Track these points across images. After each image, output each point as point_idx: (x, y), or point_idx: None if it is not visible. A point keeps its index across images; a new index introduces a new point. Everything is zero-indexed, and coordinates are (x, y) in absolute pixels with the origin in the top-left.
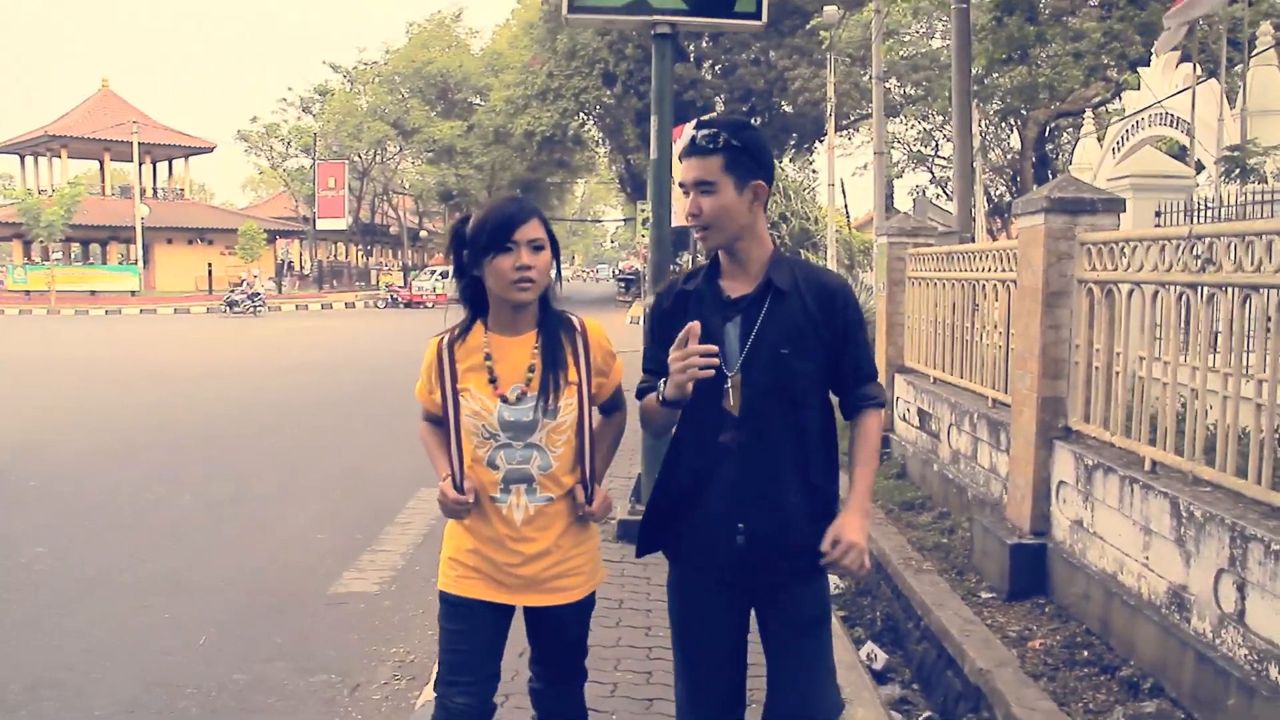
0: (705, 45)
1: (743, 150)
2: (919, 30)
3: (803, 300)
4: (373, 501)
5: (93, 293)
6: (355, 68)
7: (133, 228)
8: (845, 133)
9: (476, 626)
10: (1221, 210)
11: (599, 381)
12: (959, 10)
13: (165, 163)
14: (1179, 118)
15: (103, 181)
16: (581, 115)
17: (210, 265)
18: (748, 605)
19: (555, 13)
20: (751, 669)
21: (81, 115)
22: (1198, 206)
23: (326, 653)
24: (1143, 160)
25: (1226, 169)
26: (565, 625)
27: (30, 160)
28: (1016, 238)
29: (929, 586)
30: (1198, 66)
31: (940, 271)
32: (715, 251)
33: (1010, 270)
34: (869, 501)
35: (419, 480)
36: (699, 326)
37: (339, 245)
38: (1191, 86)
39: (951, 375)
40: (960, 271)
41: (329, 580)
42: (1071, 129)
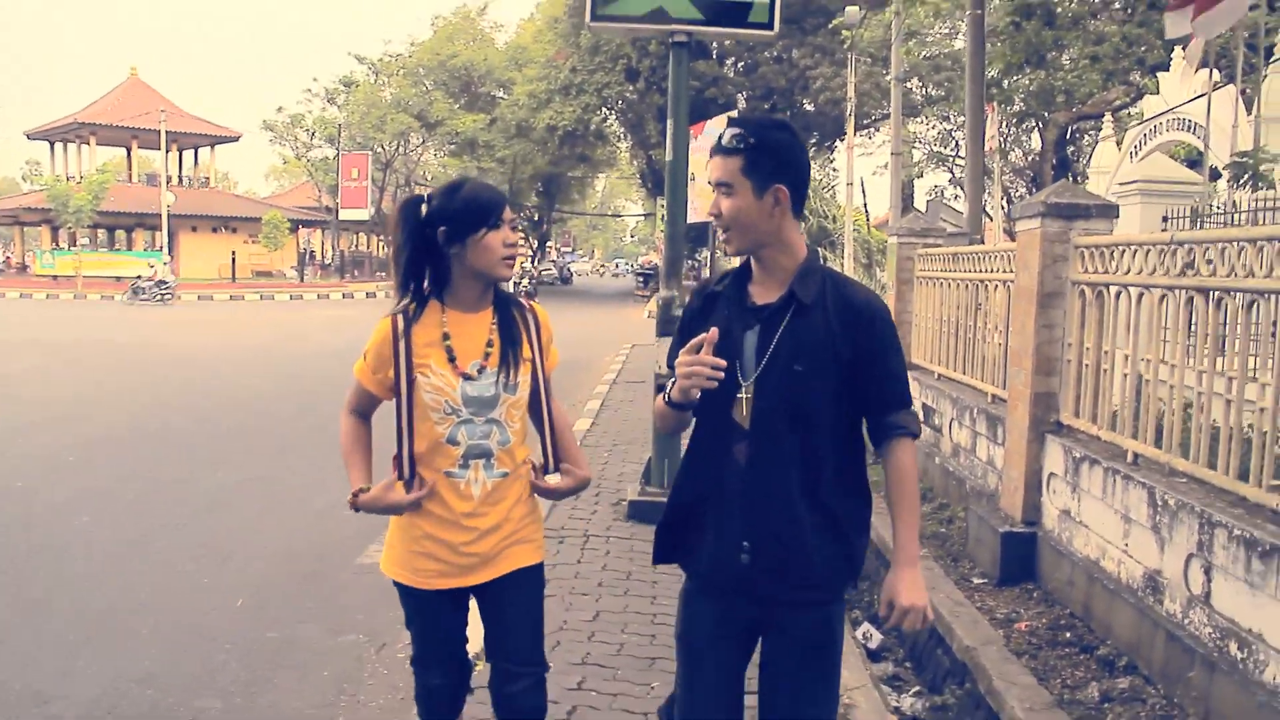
0: (728, 43)
1: (764, 151)
2: (942, 31)
3: (826, 315)
4: None
5: (118, 278)
6: (380, 60)
7: (158, 215)
8: (865, 132)
9: (438, 615)
10: (1234, 216)
11: (546, 360)
12: (973, 18)
13: (191, 151)
14: (1196, 123)
15: (129, 169)
16: (604, 110)
17: (234, 253)
18: (754, 627)
19: (579, 8)
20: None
21: (110, 103)
22: (1211, 212)
23: (354, 617)
24: (1151, 166)
25: (1235, 175)
26: (519, 593)
27: (60, 147)
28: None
29: (923, 571)
30: (1215, 72)
31: (947, 271)
32: (743, 255)
33: (1010, 271)
34: (916, 548)
35: None
36: (717, 334)
37: (360, 235)
38: (1208, 93)
39: (955, 372)
40: (965, 272)
41: (355, 553)
42: (1092, 132)
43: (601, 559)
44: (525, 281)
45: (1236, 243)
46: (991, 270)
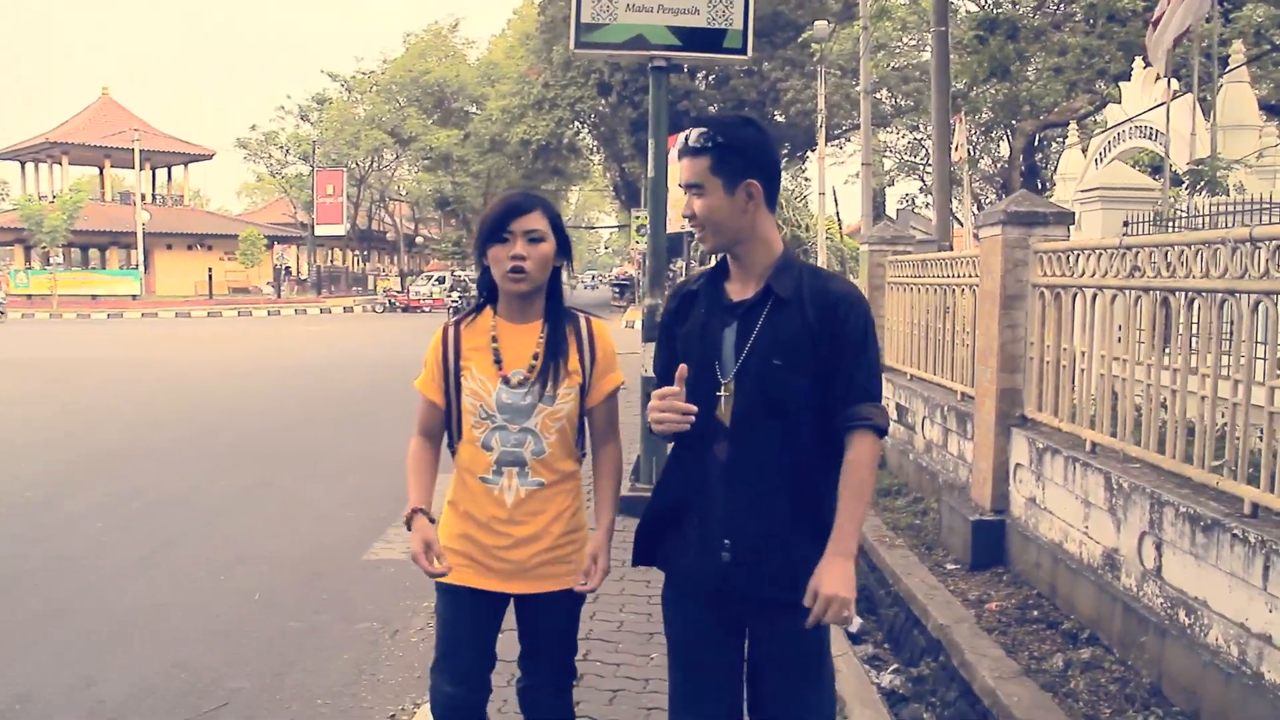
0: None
1: (731, 149)
2: (909, 43)
3: (804, 309)
4: (390, 484)
5: (94, 297)
6: (353, 77)
7: (133, 233)
8: (836, 142)
9: (466, 614)
10: (1197, 221)
11: (598, 378)
12: (938, 34)
13: (164, 169)
14: (1157, 130)
15: (102, 188)
16: (576, 124)
17: (210, 270)
18: (741, 625)
19: (551, 24)
20: None
21: (82, 123)
22: (1175, 216)
23: (366, 606)
24: (1110, 174)
25: (1191, 181)
26: (555, 615)
27: (31, 166)
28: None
29: (900, 559)
30: (1172, 81)
31: (916, 277)
32: (719, 253)
33: (975, 276)
34: (854, 542)
35: None
36: (686, 371)
37: (336, 251)
38: (1166, 101)
39: (926, 372)
40: (934, 277)
41: (360, 550)
42: (1060, 139)
43: None
44: (452, 295)
45: (1176, 246)
46: (958, 275)
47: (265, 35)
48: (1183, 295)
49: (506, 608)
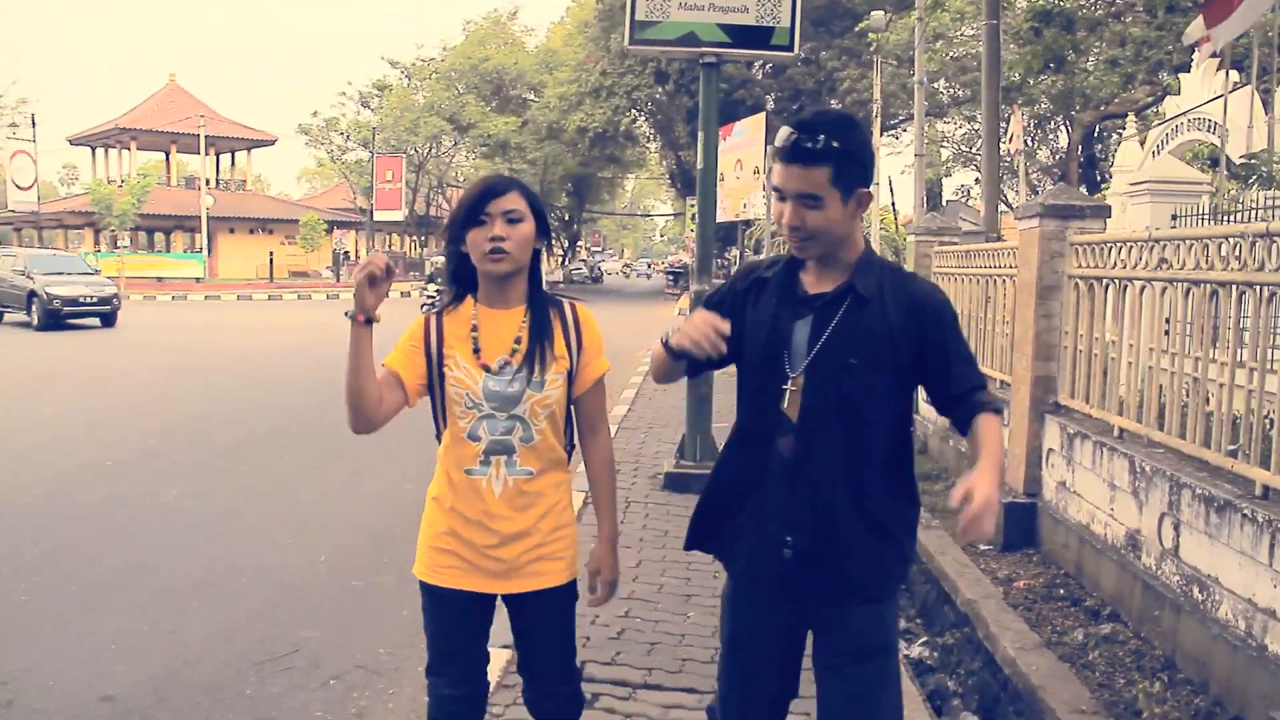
0: None
1: (851, 157)
2: (967, 33)
3: (885, 309)
4: None
5: (160, 279)
6: (413, 64)
7: (197, 217)
8: (892, 132)
9: (457, 617)
10: (1248, 215)
11: (585, 364)
12: (989, 28)
13: (228, 154)
14: (1215, 123)
15: (168, 172)
16: (633, 112)
17: (271, 254)
18: (803, 626)
19: (609, 13)
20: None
21: (150, 109)
22: (1232, 209)
23: None
24: (1160, 167)
25: (1243, 175)
26: (548, 614)
27: (100, 152)
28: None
29: (935, 539)
30: (1235, 73)
31: (960, 268)
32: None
33: (1014, 267)
34: (1000, 470)
35: None
36: (729, 327)
37: (394, 236)
38: (1224, 94)
39: None
40: (976, 268)
41: (416, 520)
42: (1119, 130)
43: (642, 520)
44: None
45: (1201, 240)
46: (999, 266)
47: (325, 22)
48: (1206, 287)
49: (495, 605)
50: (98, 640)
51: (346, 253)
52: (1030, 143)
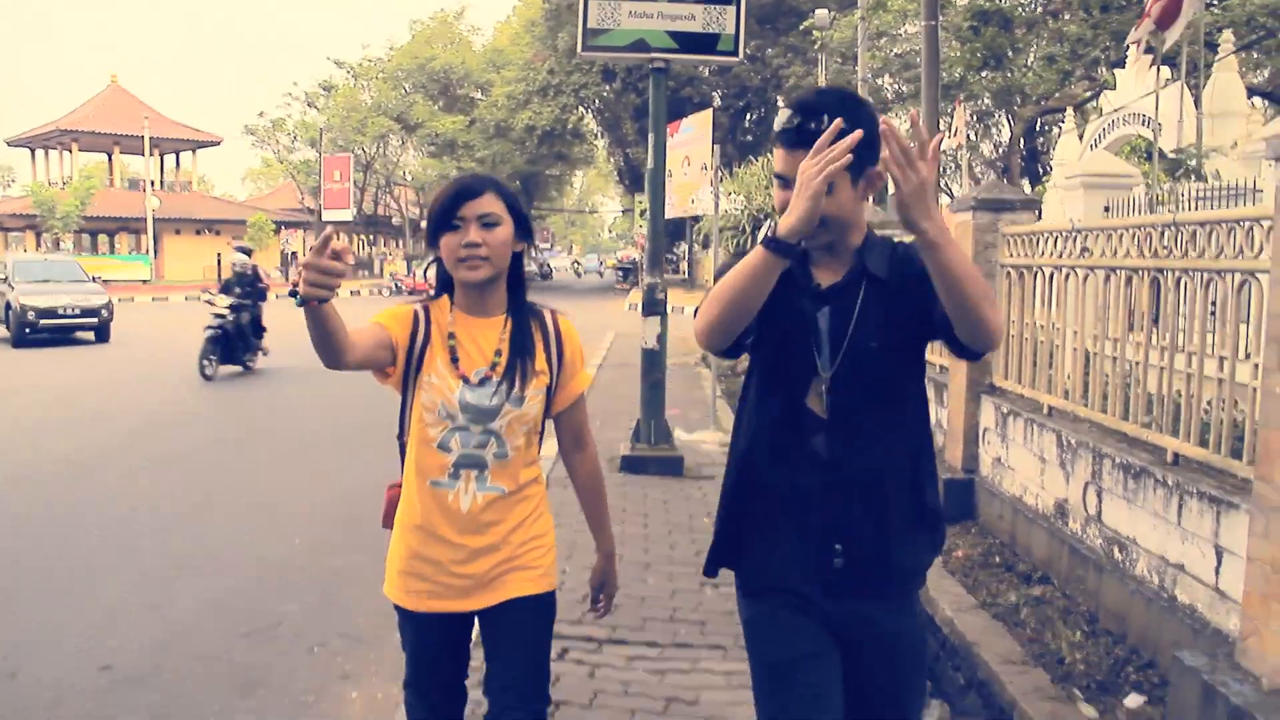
0: None
1: (865, 140)
2: (912, 30)
3: (902, 284)
4: None
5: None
6: (359, 64)
7: (143, 219)
8: None
9: (431, 638)
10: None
11: (565, 380)
12: (928, 28)
13: (173, 156)
14: (1150, 118)
15: (111, 174)
16: (580, 110)
17: (219, 255)
18: (840, 634)
19: (556, 11)
20: None
21: (91, 110)
22: (1164, 201)
23: None
24: (1093, 161)
25: (1169, 168)
26: (521, 624)
27: (40, 153)
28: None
29: None
30: (1166, 69)
31: None
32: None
33: None
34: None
35: None
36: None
37: (342, 236)
38: (1156, 90)
39: None
40: None
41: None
42: (1060, 124)
43: None
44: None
45: (1118, 230)
46: None
47: (270, 22)
48: (1122, 273)
49: (472, 622)
50: (90, 617)
51: (294, 253)
52: (973, 137)
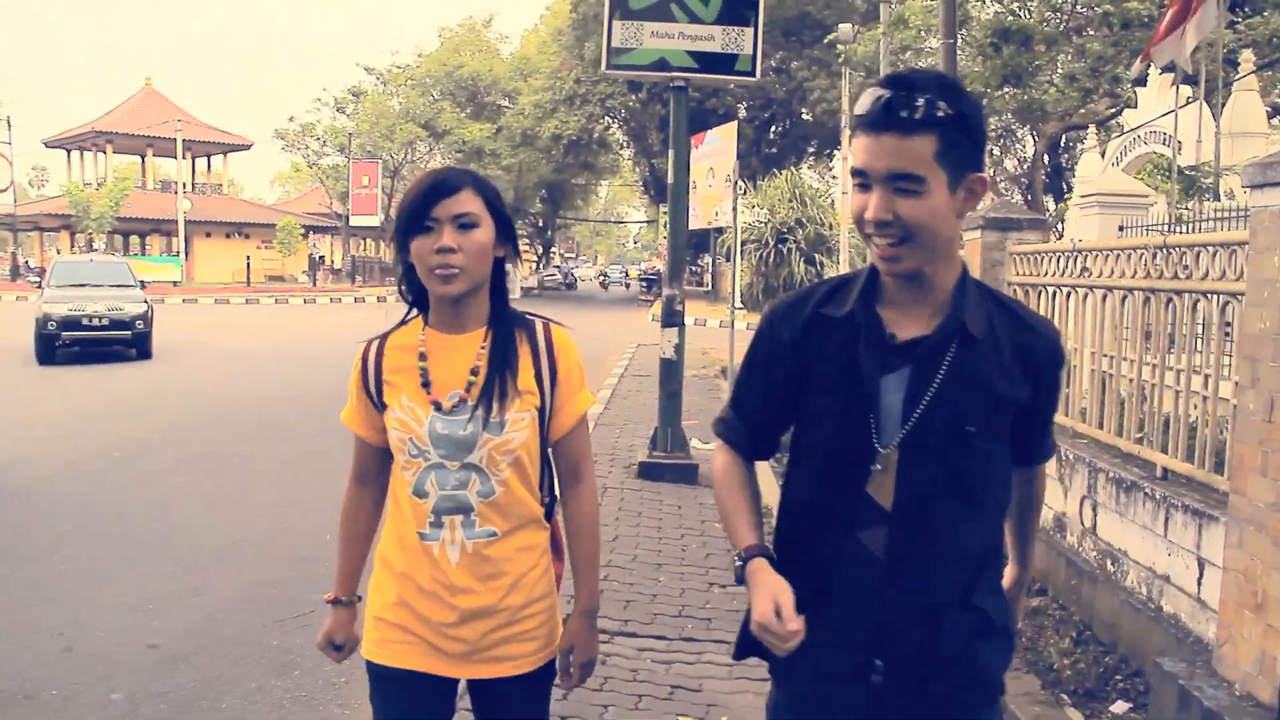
0: None
1: (967, 128)
2: (936, 45)
3: (1000, 351)
4: None
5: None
6: (388, 70)
7: (174, 221)
8: None
9: (410, 702)
10: (1190, 226)
11: (562, 402)
12: (946, 46)
13: (204, 158)
14: (1169, 136)
15: (144, 176)
16: (607, 119)
17: (249, 258)
18: None
19: (583, 21)
20: None
21: (126, 112)
22: (1181, 220)
23: None
24: (1108, 181)
25: (1184, 187)
26: (517, 704)
27: (75, 154)
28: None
29: None
30: (1184, 88)
31: None
32: (901, 277)
33: None
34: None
35: None
36: (799, 625)
37: (369, 241)
38: (1175, 109)
39: None
40: None
41: None
42: (1083, 141)
43: (618, 503)
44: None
45: (1115, 251)
46: None
47: (301, 28)
48: (1119, 292)
49: (457, 690)
50: (134, 601)
51: (322, 257)
52: (997, 153)
